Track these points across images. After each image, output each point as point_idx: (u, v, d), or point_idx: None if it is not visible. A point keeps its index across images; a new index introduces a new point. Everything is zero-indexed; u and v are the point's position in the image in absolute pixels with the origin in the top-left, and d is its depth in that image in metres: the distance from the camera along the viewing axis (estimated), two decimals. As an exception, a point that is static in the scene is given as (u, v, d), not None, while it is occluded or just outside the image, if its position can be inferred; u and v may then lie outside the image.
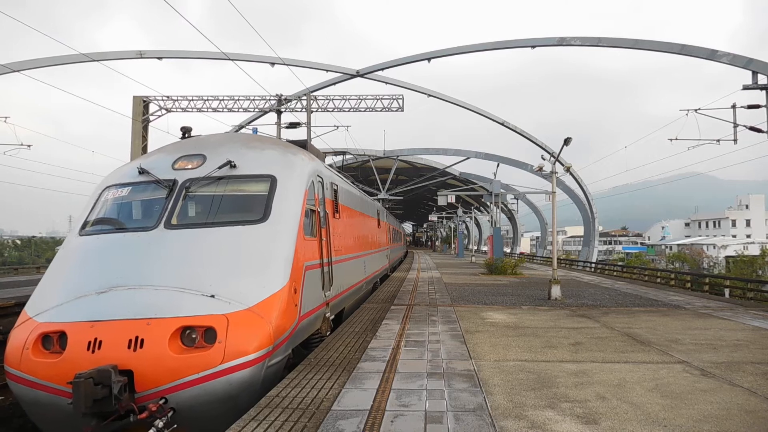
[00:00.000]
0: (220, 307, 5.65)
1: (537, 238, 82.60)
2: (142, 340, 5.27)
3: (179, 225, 6.69)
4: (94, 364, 5.04)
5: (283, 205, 7.03)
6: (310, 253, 7.66)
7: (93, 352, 5.22)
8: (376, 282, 18.12)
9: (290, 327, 6.39)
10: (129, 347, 5.24)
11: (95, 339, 5.28)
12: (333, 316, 9.24)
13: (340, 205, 10.58)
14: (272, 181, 7.23)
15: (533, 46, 26.68)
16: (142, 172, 7.41)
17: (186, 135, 9.02)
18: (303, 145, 10.15)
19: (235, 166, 7.26)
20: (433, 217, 65.86)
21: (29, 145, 24.97)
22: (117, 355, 5.17)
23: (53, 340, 5.50)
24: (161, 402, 5.12)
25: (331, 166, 14.04)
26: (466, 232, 79.63)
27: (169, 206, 6.84)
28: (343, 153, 18.87)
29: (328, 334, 8.76)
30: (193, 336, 5.46)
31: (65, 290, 6.07)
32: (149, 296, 5.73)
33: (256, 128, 21.94)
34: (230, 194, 7.11)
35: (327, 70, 31.24)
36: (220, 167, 7.21)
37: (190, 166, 7.34)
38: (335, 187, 10.24)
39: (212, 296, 5.76)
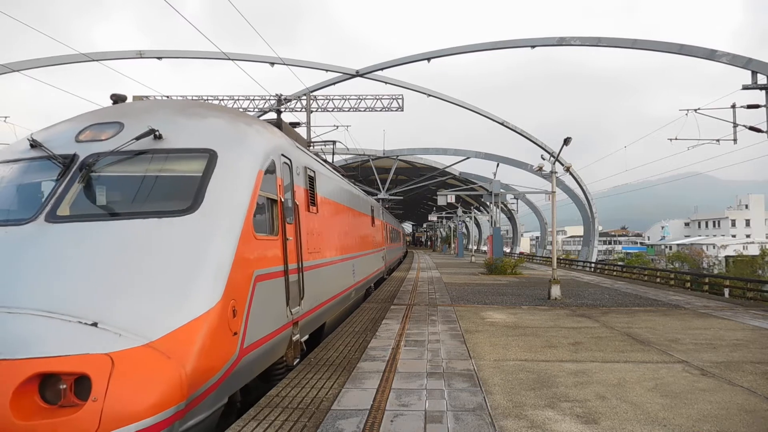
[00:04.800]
0: (103, 342, 3.83)
1: (537, 238, 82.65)
2: None
3: (68, 217, 4.86)
4: None
5: (222, 191, 5.20)
6: (266, 256, 5.75)
7: None
8: (369, 287, 16.30)
9: (223, 367, 4.52)
10: None
11: None
12: (307, 337, 7.49)
13: (318, 197, 8.56)
14: (211, 157, 5.39)
15: (533, 46, 26.71)
16: (34, 145, 5.57)
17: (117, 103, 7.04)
18: (277, 124, 8.30)
19: (160, 137, 5.42)
20: (432, 217, 65.88)
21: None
22: None
23: None
24: None
25: (322, 158, 12.10)
26: (465, 231, 79.64)
27: (59, 191, 5.01)
28: (333, 143, 17.54)
29: (296, 362, 6.89)
30: (59, 387, 3.66)
31: None
32: None
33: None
34: (149, 175, 5.28)
35: (327, 70, 31.26)
36: (138, 138, 5.34)
37: (102, 137, 5.50)
38: (311, 174, 8.26)
39: (95, 324, 3.94)
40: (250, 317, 5.11)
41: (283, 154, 6.70)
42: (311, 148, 15.80)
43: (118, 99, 6.93)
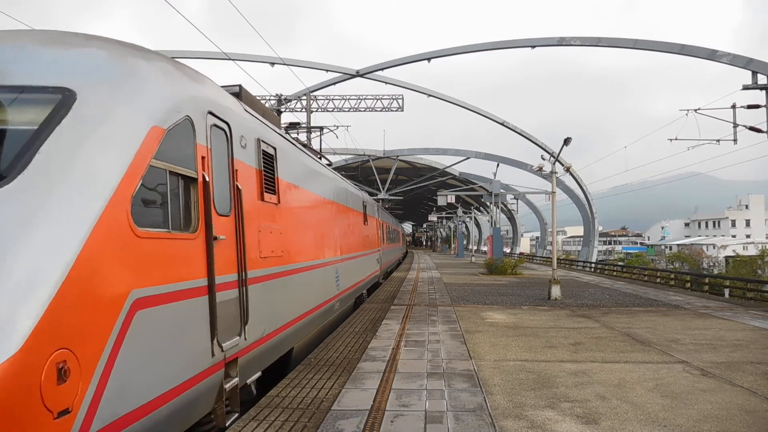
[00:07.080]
0: None
1: (537, 238, 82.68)
2: None
3: None
4: None
5: (69, 152, 3.25)
6: (164, 265, 3.77)
7: None
8: (361, 294, 14.33)
9: None
10: None
11: None
12: (258, 375, 5.63)
13: (281, 182, 6.59)
14: (63, 100, 3.46)
15: (533, 46, 26.75)
16: None
17: None
18: (236, 93, 6.15)
19: None
20: (433, 217, 65.89)
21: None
22: None
23: None
24: None
25: (302, 143, 10.14)
26: (465, 232, 79.67)
27: None
28: (321, 128, 16.16)
29: (233, 420, 4.72)
30: None
31: None
32: None
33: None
34: None
35: (327, 70, 31.28)
36: None
37: None
38: (269, 151, 6.25)
39: None
40: (116, 372, 3.10)
41: (212, 113, 4.73)
42: (309, 142, 14.81)
43: None
